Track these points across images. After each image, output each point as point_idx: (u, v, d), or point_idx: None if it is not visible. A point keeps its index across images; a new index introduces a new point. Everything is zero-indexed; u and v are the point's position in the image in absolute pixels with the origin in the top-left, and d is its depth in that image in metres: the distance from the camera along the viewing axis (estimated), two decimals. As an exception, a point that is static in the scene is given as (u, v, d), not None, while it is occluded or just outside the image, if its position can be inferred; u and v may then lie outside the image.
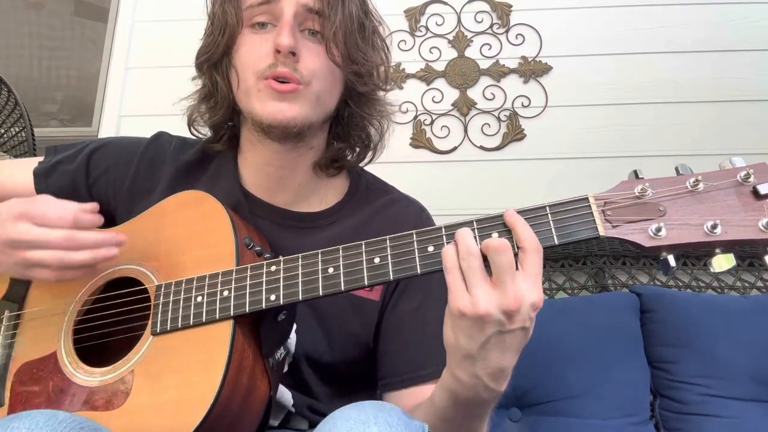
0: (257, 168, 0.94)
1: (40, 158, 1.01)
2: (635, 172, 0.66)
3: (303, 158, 0.93)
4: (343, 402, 0.89)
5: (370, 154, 1.00)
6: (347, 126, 0.96)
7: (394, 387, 0.89)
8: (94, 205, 0.80)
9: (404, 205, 1.00)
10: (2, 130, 2.04)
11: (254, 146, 0.93)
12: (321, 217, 0.95)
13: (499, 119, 2.01)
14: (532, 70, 2.04)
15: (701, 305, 1.56)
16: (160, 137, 1.01)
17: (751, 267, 1.75)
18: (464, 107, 2.02)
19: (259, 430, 0.77)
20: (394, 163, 1.09)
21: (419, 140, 2.01)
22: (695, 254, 1.76)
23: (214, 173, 0.97)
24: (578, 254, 1.79)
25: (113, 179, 0.97)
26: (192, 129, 0.98)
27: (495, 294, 0.61)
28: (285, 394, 0.87)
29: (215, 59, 0.89)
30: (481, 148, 1.99)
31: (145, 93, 2.11)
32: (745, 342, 1.48)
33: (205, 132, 0.99)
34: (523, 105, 2.01)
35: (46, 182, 0.98)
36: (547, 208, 0.66)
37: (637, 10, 2.05)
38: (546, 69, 2.03)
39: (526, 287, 0.62)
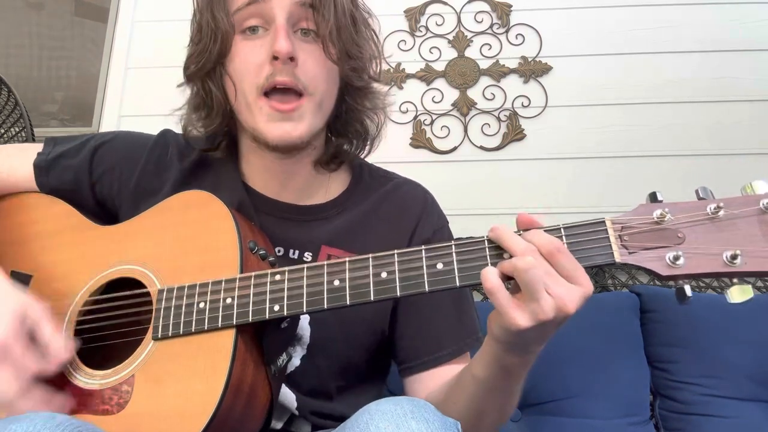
0: (260, 171, 0.94)
1: (39, 146, 0.99)
2: (654, 194, 0.63)
3: (305, 160, 0.93)
4: (353, 398, 0.89)
5: (368, 146, 1.00)
6: (345, 121, 0.95)
7: (416, 370, 0.89)
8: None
9: (409, 188, 1.00)
10: (2, 130, 2.03)
11: (255, 152, 0.93)
12: (327, 209, 0.94)
13: (499, 119, 2.01)
14: (532, 70, 2.03)
15: (701, 305, 1.56)
16: (166, 135, 1.00)
17: (751, 267, 1.74)
18: (464, 107, 2.02)
19: (259, 433, 0.77)
20: (394, 163, 1.09)
21: (419, 140, 2.01)
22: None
23: (217, 174, 0.96)
24: (578, 254, 1.79)
25: (119, 176, 0.96)
26: (189, 139, 0.96)
27: (575, 287, 0.62)
28: (288, 396, 0.87)
29: (208, 68, 0.87)
30: (481, 148, 1.99)
31: (145, 93, 2.10)
32: (745, 342, 1.48)
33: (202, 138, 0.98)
34: (523, 105, 2.01)
35: (47, 176, 0.96)
36: (562, 229, 0.64)
37: (637, 11, 2.04)
38: (546, 69, 2.03)
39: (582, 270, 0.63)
